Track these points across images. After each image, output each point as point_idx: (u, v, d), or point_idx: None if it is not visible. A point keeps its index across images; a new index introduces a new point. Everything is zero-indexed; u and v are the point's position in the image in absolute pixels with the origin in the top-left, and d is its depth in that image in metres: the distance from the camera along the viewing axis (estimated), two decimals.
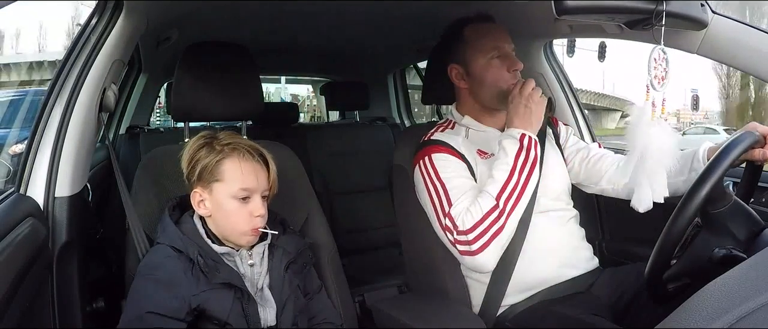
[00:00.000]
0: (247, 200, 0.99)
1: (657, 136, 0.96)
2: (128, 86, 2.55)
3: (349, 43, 2.36)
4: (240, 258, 1.01)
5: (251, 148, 1.01)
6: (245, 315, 0.95)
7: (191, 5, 1.48)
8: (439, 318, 1.12)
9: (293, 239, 1.08)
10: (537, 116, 1.16)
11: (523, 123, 1.15)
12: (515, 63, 1.24)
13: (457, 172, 1.19)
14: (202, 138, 1.02)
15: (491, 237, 1.10)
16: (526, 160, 1.13)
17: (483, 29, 1.26)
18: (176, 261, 0.94)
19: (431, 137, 1.27)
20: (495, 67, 1.23)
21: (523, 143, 1.14)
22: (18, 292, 0.80)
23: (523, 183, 1.12)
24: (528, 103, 1.15)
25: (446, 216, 1.14)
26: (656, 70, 0.97)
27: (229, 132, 1.04)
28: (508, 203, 1.11)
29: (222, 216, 0.99)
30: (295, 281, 1.04)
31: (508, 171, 1.12)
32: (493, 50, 1.24)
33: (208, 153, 0.99)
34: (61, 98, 1.06)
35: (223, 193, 0.98)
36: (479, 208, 1.11)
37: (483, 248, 1.10)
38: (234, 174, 0.98)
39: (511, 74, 1.23)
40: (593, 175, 1.31)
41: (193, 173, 1.00)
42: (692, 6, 1.02)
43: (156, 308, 0.90)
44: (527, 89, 1.16)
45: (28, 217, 0.93)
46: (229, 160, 0.99)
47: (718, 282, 0.54)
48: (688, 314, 0.50)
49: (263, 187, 1.01)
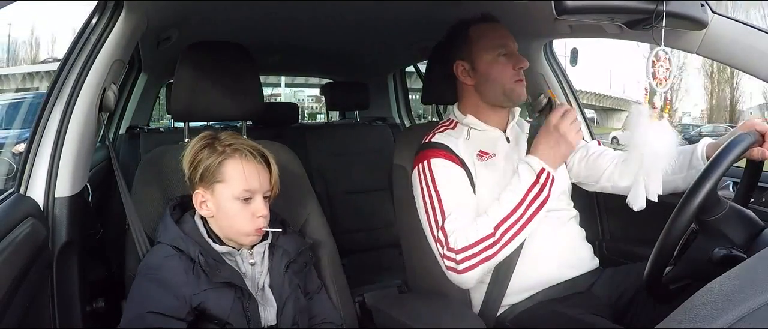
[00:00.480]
0: (250, 201, 0.99)
1: (656, 135, 0.96)
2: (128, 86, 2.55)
3: (349, 44, 2.36)
4: (241, 258, 1.01)
5: (253, 148, 1.01)
6: (246, 314, 0.96)
7: (191, 5, 1.48)
8: (439, 318, 1.12)
9: (294, 239, 1.08)
10: (563, 154, 1.11)
11: (547, 156, 1.11)
12: (521, 61, 1.24)
13: (454, 182, 1.18)
14: (203, 139, 1.02)
15: (479, 262, 1.09)
16: (536, 196, 1.09)
17: (489, 28, 1.27)
18: (177, 261, 0.94)
19: (432, 139, 1.26)
20: (501, 65, 1.24)
21: (540, 178, 1.10)
22: (18, 292, 0.80)
23: (527, 220, 1.10)
24: (561, 136, 1.09)
25: (440, 229, 1.14)
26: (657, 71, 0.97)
27: (230, 133, 1.04)
28: (505, 236, 1.09)
29: (224, 217, 0.99)
30: (295, 280, 1.04)
31: (516, 203, 1.10)
32: (499, 48, 1.24)
33: (210, 154, 0.99)
34: (61, 98, 1.06)
35: (225, 194, 0.98)
36: (475, 232, 1.10)
37: (468, 269, 1.10)
38: (236, 175, 0.98)
39: (516, 72, 1.24)
40: (593, 173, 1.31)
41: (195, 174, 1.00)
42: (692, 6, 1.02)
43: (157, 308, 0.90)
44: (567, 120, 1.10)
45: (28, 217, 0.93)
46: (231, 161, 0.99)
47: (718, 282, 0.54)
48: (688, 314, 0.50)
49: (265, 188, 1.01)
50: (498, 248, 1.09)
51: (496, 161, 1.24)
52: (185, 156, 1.02)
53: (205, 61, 1.27)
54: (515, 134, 1.31)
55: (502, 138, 1.29)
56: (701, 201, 0.83)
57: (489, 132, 1.28)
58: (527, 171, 1.11)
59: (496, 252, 1.09)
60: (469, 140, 1.27)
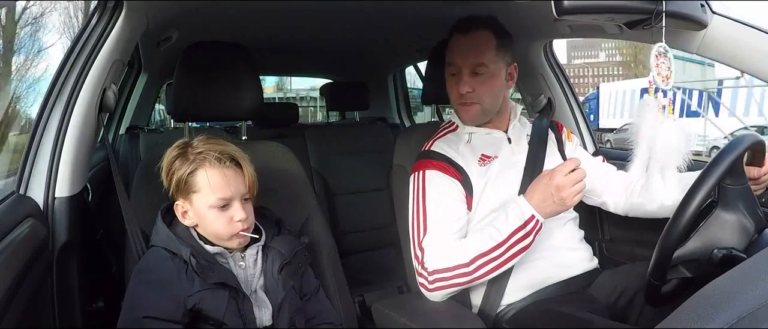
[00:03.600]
0: (226, 208, 0.98)
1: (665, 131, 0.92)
2: (128, 86, 2.56)
3: (349, 44, 2.36)
4: (233, 260, 1.01)
5: (222, 154, 0.98)
6: (241, 314, 0.95)
7: (191, 5, 1.48)
8: (439, 318, 1.12)
9: (287, 240, 1.07)
10: (557, 211, 1.06)
11: (540, 206, 1.05)
12: (460, 84, 1.21)
13: (442, 198, 1.18)
14: (176, 148, 1.00)
15: (450, 286, 1.09)
16: (520, 240, 1.06)
17: (454, 40, 1.25)
18: (170, 263, 0.94)
19: (431, 148, 1.26)
20: (450, 83, 1.25)
21: (528, 225, 1.06)
22: (18, 292, 0.80)
23: (505, 260, 1.08)
24: (561, 199, 1.02)
25: (418, 246, 1.15)
26: (659, 69, 0.95)
27: (203, 138, 1.01)
28: (480, 271, 1.08)
29: (205, 224, 0.99)
30: (290, 282, 1.03)
31: (498, 242, 1.07)
32: (448, 66, 1.25)
33: (181, 164, 0.98)
34: (60, 98, 1.06)
35: (201, 203, 0.98)
36: (450, 257, 1.09)
37: (438, 290, 1.11)
38: (207, 185, 0.97)
39: (459, 94, 1.22)
40: (596, 189, 1.32)
41: (171, 186, 1.00)
42: (692, 6, 1.02)
43: (152, 312, 0.89)
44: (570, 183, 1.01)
45: (27, 217, 0.93)
46: (201, 170, 0.97)
47: (718, 282, 0.54)
48: (688, 314, 0.50)
49: (241, 192, 0.99)
50: (470, 278, 1.08)
51: (497, 163, 1.24)
52: (162, 167, 1.01)
53: (205, 61, 1.27)
54: (517, 133, 1.31)
55: (504, 139, 1.29)
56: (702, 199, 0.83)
57: (490, 134, 1.28)
58: (516, 214, 1.07)
59: (468, 281, 1.08)
60: (470, 143, 1.27)
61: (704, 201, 0.85)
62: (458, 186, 1.20)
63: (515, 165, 1.25)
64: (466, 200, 1.21)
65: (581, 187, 1.02)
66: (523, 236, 1.06)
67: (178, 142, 1.02)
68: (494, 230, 1.08)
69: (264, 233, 1.05)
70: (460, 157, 1.23)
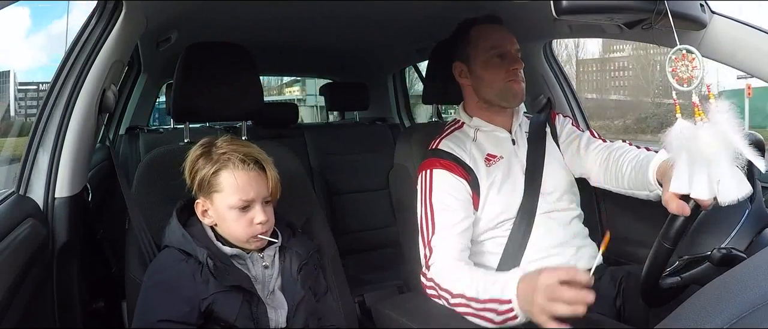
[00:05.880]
0: (247, 209, 0.98)
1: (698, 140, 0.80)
2: (128, 87, 2.55)
3: (349, 44, 2.37)
4: (251, 261, 1.01)
5: (246, 156, 0.99)
6: (253, 317, 0.95)
7: (191, 5, 1.48)
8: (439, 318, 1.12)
9: (303, 242, 1.08)
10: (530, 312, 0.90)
11: (524, 301, 0.91)
12: (515, 62, 1.24)
13: (450, 198, 1.17)
14: (201, 147, 1.01)
15: (438, 297, 1.09)
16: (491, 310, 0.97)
17: (489, 29, 1.27)
18: (185, 265, 0.94)
19: (439, 146, 1.26)
20: (494, 65, 1.24)
21: (502, 306, 0.95)
22: (18, 292, 0.80)
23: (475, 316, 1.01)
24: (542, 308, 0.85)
25: (427, 245, 1.15)
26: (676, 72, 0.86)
27: (227, 138, 1.02)
28: (458, 307, 1.04)
29: (225, 224, 0.99)
30: (307, 282, 1.04)
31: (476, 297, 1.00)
32: (494, 49, 1.25)
33: (205, 163, 0.99)
34: (60, 99, 1.06)
35: (222, 203, 0.98)
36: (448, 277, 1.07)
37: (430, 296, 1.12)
38: (230, 186, 0.97)
39: (510, 72, 1.24)
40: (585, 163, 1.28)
41: (194, 184, 1.00)
42: (692, 6, 1.02)
43: (167, 315, 0.89)
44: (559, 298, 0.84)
45: (27, 218, 0.93)
46: (225, 171, 0.97)
47: (718, 282, 0.54)
48: (688, 314, 0.50)
49: (263, 194, 0.99)
50: (450, 306, 1.07)
51: (502, 163, 1.25)
52: (186, 165, 1.01)
53: (204, 61, 1.27)
54: (520, 134, 1.31)
55: (507, 139, 1.29)
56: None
57: (496, 132, 1.29)
58: (501, 287, 0.97)
59: (453, 305, 1.06)
60: (476, 141, 1.27)
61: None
62: (465, 186, 1.20)
63: (519, 165, 1.26)
64: (473, 200, 1.21)
65: (570, 309, 0.83)
66: (495, 310, 0.97)
67: (202, 140, 1.02)
68: (480, 283, 1.02)
69: (280, 235, 1.05)
70: (468, 156, 1.23)
